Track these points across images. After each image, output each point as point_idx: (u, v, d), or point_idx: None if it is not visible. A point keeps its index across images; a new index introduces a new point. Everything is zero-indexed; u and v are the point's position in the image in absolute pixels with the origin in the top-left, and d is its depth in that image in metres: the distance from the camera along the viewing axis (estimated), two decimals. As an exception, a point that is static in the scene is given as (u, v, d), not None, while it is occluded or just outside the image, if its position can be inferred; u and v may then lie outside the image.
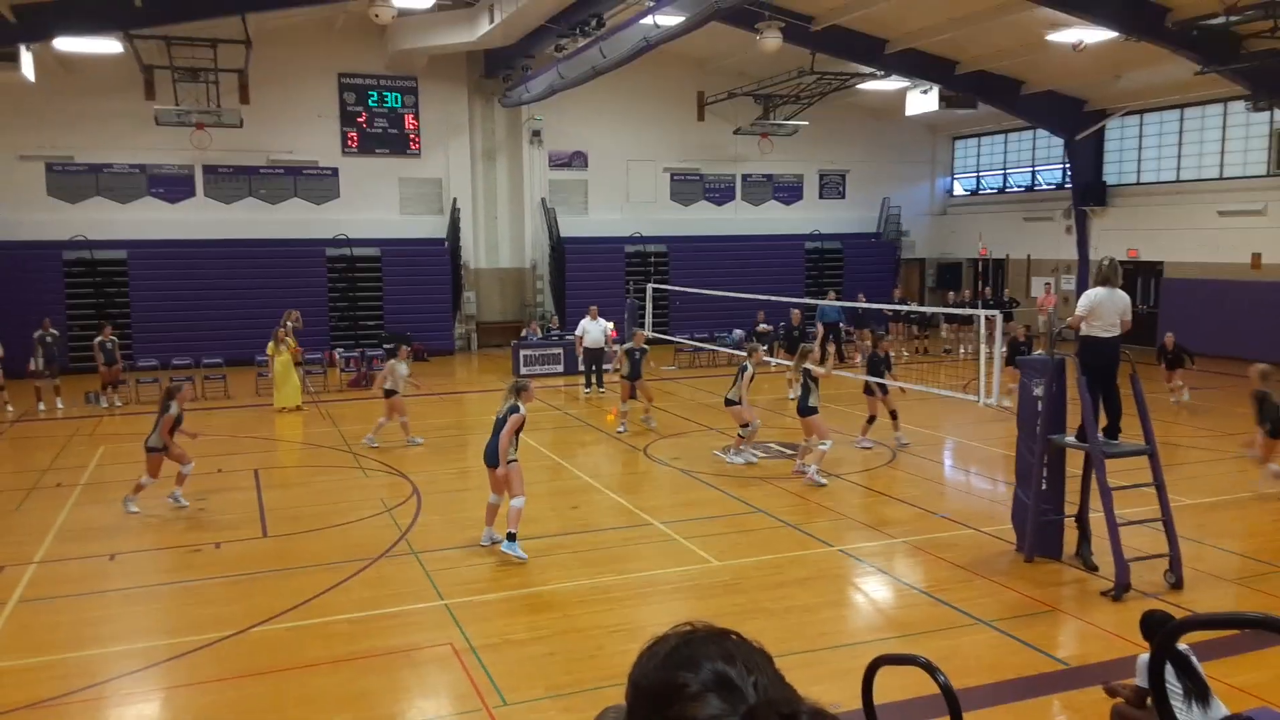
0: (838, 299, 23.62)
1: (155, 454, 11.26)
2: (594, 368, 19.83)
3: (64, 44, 20.17)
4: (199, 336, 23.25)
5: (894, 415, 14.36)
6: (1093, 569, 8.88)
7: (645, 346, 16.49)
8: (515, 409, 9.53)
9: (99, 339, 18.71)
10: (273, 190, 25.84)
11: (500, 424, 9.57)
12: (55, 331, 18.92)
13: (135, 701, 6.70)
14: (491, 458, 9.61)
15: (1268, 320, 21.93)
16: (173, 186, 24.99)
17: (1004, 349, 14.80)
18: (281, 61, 24.72)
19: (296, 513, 11.36)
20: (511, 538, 9.41)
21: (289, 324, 18.77)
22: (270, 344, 18.18)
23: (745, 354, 14.18)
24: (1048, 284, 25.86)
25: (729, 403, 13.66)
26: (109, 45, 20.52)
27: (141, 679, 7.00)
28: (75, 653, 7.44)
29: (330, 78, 25.97)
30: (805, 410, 12.33)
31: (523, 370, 22.22)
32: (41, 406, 18.35)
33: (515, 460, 9.60)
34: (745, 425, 13.57)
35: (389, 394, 14.78)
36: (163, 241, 24.54)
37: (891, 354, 15.33)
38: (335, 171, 26.33)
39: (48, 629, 7.93)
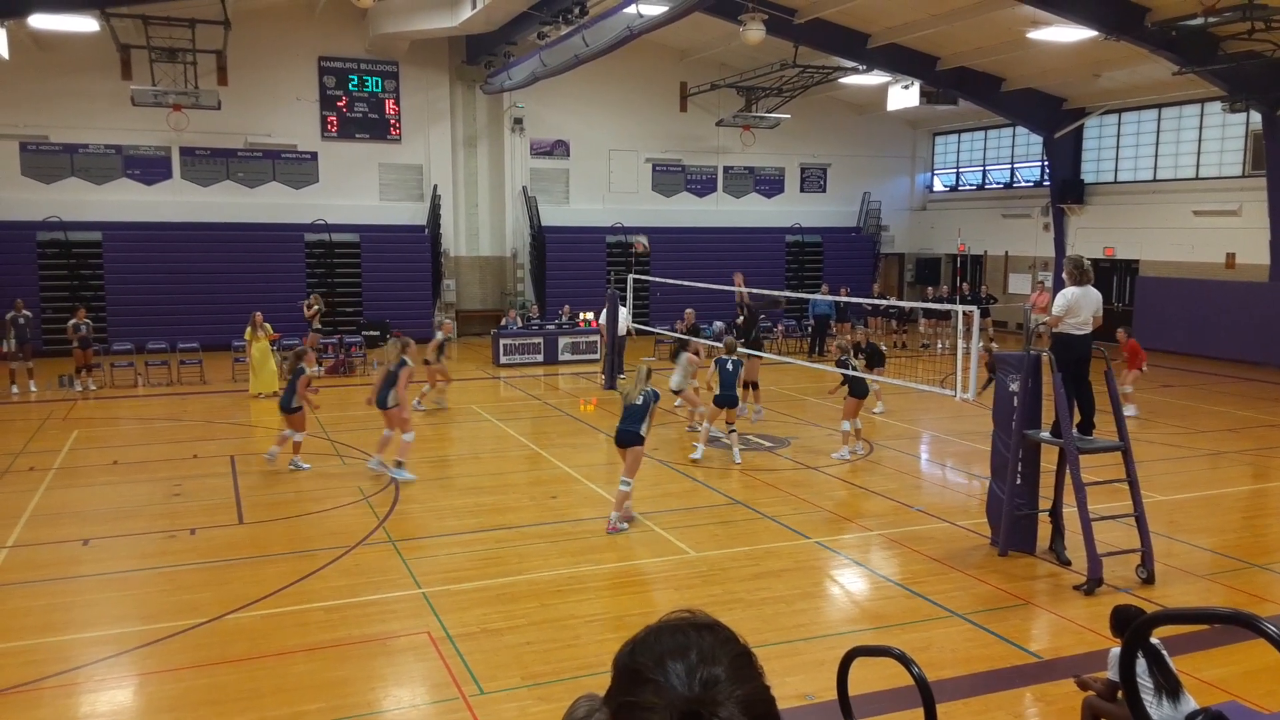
0: (829, 293, 23.70)
1: (296, 413, 12.19)
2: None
3: (40, 21, 19.87)
4: (175, 320, 23.02)
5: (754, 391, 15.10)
6: (1066, 563, 8.99)
7: (452, 336, 17.86)
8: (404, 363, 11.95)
9: (73, 321, 18.50)
10: (251, 174, 25.60)
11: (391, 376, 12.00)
12: (28, 313, 18.69)
13: (108, 688, 6.66)
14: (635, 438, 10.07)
15: (1240, 319, 22.20)
16: (149, 168, 24.71)
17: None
18: (261, 43, 24.50)
19: (273, 499, 11.31)
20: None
21: (315, 308, 18.84)
22: (248, 329, 18.06)
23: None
24: (1041, 281, 25.95)
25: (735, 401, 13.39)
26: (85, 24, 20.23)
27: (115, 665, 6.96)
28: (48, 638, 7.38)
29: (310, 61, 25.74)
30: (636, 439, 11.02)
31: (502, 359, 22.19)
32: (15, 389, 18.14)
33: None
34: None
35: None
36: (138, 224, 24.27)
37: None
38: (314, 156, 26.12)
39: (20, 614, 7.86)
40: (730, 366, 13.02)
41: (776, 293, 21.41)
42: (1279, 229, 22.00)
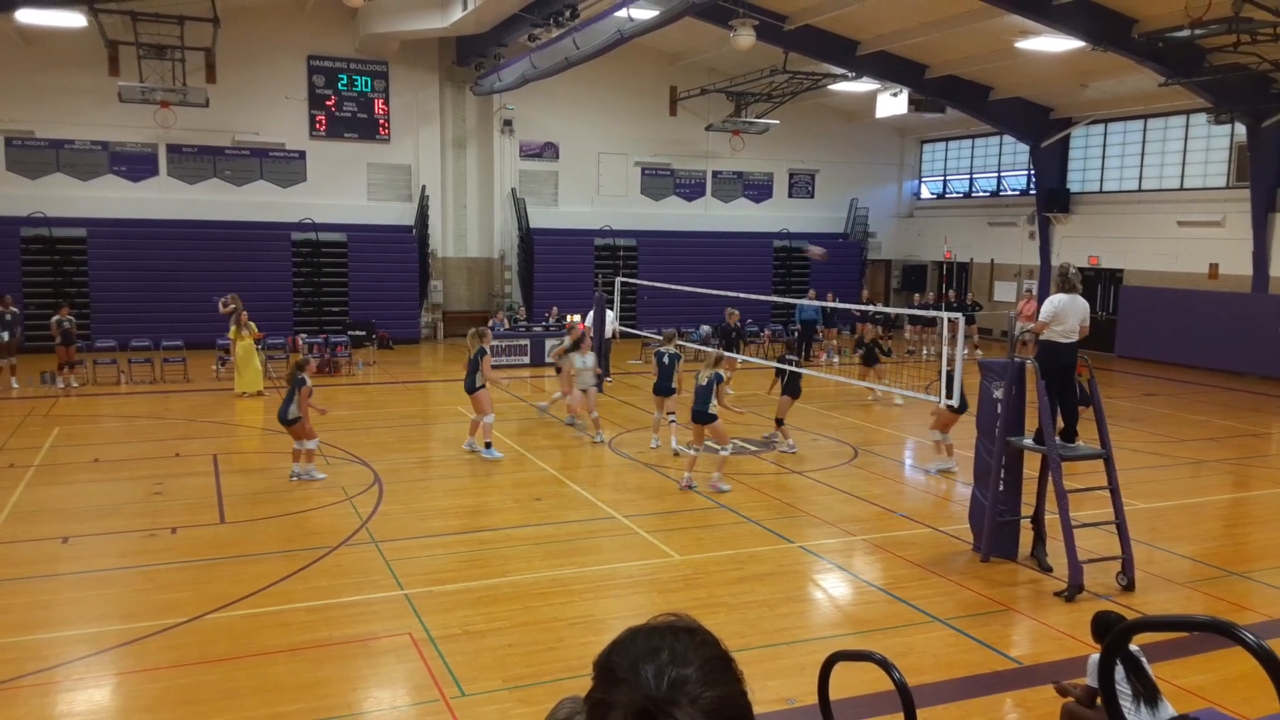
0: (816, 299, 23.75)
1: (295, 423, 11.77)
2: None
3: (27, 16, 19.72)
4: (159, 318, 22.87)
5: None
6: (1047, 570, 9.03)
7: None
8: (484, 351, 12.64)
9: (56, 318, 18.36)
10: (238, 172, 25.49)
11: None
12: (15, 309, 18.57)
13: (86, 687, 6.60)
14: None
15: (1223, 329, 22.37)
16: (135, 165, 24.58)
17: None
18: (250, 41, 24.39)
19: (255, 499, 11.25)
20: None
21: (232, 307, 18.75)
22: (232, 328, 17.97)
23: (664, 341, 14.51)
24: (1029, 290, 26.05)
25: (670, 391, 14.04)
26: (73, 19, 20.09)
27: (93, 664, 6.90)
28: (25, 636, 7.32)
29: (299, 59, 25.66)
30: (704, 417, 11.73)
31: (490, 363, 22.14)
32: (-5, 385, 18.00)
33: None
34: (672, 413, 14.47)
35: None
36: (124, 220, 24.14)
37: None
38: (302, 155, 26.03)
39: (-3, 612, 7.80)
40: (666, 360, 13.89)
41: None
42: (1261, 240, 22.20)
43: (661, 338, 14.67)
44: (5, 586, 8.38)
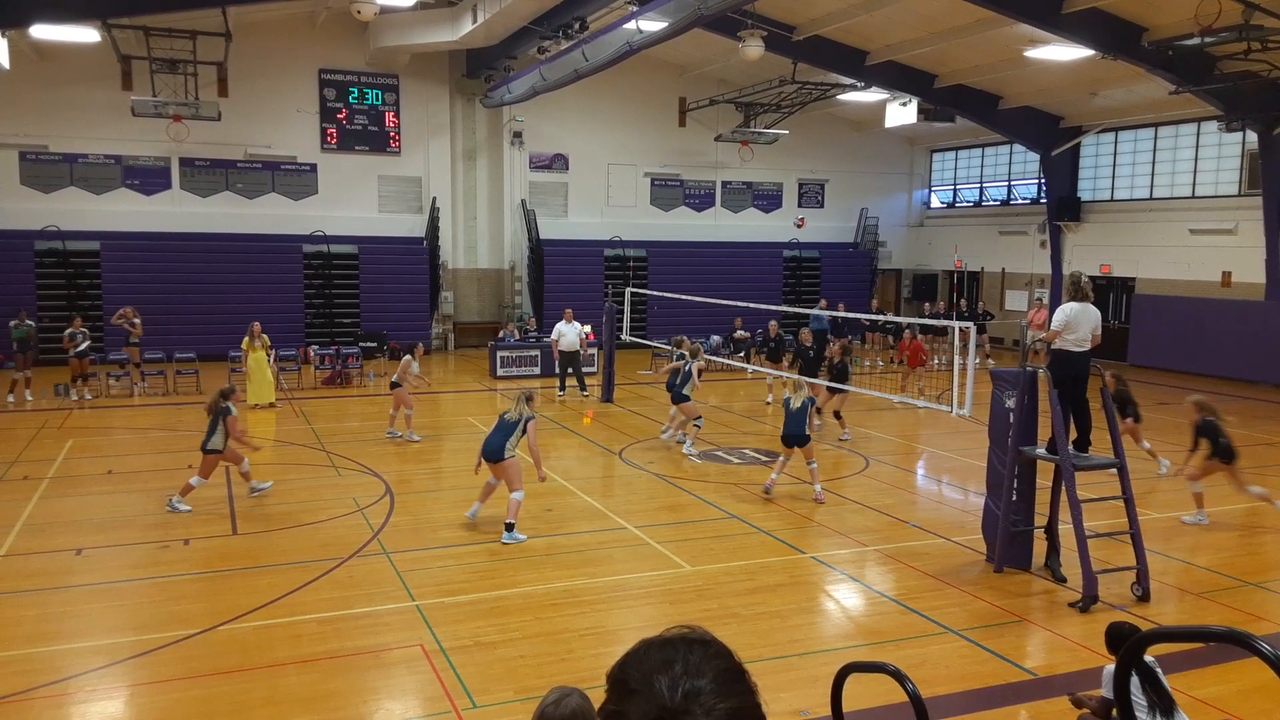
0: (827, 308, 23.74)
1: (214, 455, 11.07)
2: (568, 370, 19.82)
3: (41, 32, 19.91)
4: (172, 330, 22.93)
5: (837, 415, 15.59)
6: (1061, 580, 8.98)
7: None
8: (532, 417, 10.41)
9: (70, 331, 18.48)
10: (250, 185, 25.64)
11: (511, 426, 10.27)
12: (31, 323, 18.72)
13: (99, 699, 6.62)
14: (496, 454, 10.18)
15: (1236, 338, 22.25)
16: (148, 178, 24.74)
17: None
18: (261, 55, 24.57)
19: (267, 510, 11.28)
20: (509, 528, 10.05)
21: (137, 321, 18.97)
22: (245, 339, 18.05)
23: (689, 354, 14.90)
24: (1039, 299, 25.97)
25: (683, 399, 14.46)
26: (86, 34, 20.29)
27: (106, 676, 6.92)
28: (39, 648, 7.35)
29: (311, 73, 25.82)
30: (800, 440, 11.77)
31: (499, 371, 22.20)
32: (11, 398, 18.10)
33: (514, 455, 10.27)
34: (697, 418, 14.68)
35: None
36: (137, 234, 24.29)
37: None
38: (314, 167, 26.16)
39: (11, 624, 7.83)
40: (676, 360, 14.75)
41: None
42: (1274, 248, 22.07)
43: (690, 353, 14.93)
44: (19, 598, 8.42)
